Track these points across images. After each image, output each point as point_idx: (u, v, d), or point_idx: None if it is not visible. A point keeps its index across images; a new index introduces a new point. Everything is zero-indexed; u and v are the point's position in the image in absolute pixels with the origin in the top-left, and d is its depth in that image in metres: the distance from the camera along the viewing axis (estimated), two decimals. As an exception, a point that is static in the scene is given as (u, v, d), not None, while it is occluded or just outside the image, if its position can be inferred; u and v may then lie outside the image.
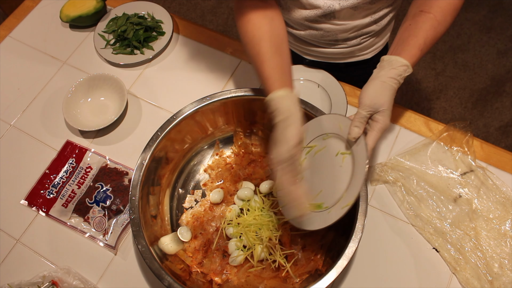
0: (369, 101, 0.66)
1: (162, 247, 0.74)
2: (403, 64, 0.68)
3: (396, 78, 0.67)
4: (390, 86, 0.67)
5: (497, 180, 0.83)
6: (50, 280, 0.77)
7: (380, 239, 0.81)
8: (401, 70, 0.68)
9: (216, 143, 0.90)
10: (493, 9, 2.22)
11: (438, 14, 0.72)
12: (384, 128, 0.66)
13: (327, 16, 0.83)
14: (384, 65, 0.69)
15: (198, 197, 0.85)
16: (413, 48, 0.69)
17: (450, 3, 0.72)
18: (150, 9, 1.08)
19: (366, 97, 0.66)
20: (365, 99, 0.66)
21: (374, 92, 0.67)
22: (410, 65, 0.68)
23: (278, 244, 0.76)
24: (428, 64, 2.10)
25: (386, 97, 0.66)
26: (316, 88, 0.94)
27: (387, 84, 0.67)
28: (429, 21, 0.71)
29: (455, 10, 0.74)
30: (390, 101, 0.67)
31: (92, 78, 0.96)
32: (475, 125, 1.93)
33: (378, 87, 0.67)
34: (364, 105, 0.66)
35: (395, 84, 0.67)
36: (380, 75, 0.68)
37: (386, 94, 0.66)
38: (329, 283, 0.64)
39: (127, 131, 0.95)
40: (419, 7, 0.73)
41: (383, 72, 0.68)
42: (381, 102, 0.66)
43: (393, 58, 0.69)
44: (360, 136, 0.65)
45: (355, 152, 0.66)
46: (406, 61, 0.68)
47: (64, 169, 0.90)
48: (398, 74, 0.68)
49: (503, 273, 0.75)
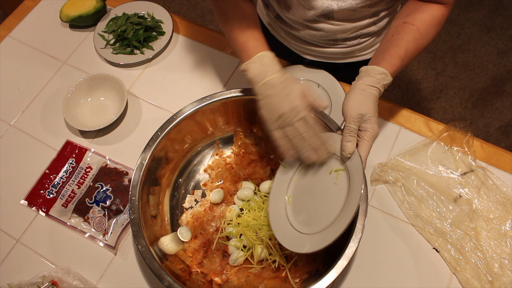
0: (354, 112, 0.66)
1: (162, 247, 0.74)
2: (381, 72, 0.68)
3: (374, 85, 0.67)
4: (370, 93, 0.67)
5: (497, 180, 0.83)
6: (50, 280, 0.77)
7: (380, 239, 0.81)
8: (379, 78, 0.68)
9: (216, 143, 0.90)
10: (493, 9, 2.22)
11: (422, 27, 0.72)
12: (375, 135, 0.66)
13: (326, 16, 0.83)
14: (362, 75, 0.69)
15: (198, 197, 0.85)
16: (393, 58, 0.69)
17: (434, 17, 0.73)
18: (150, 9, 1.08)
19: (350, 108, 0.66)
20: (349, 111, 0.66)
21: (355, 101, 0.66)
22: (388, 73, 0.68)
23: (278, 244, 0.76)
24: (428, 64, 2.10)
25: (368, 105, 0.66)
26: (316, 88, 0.94)
27: (366, 92, 0.67)
28: (412, 33, 0.72)
29: (438, 25, 0.74)
30: (375, 108, 0.67)
31: (92, 78, 0.96)
32: (475, 125, 1.93)
33: (358, 96, 0.67)
34: (350, 117, 0.66)
35: (375, 91, 0.67)
36: (358, 84, 0.68)
37: (368, 102, 0.66)
38: (329, 283, 0.64)
39: (127, 131, 0.95)
40: (403, 19, 0.74)
41: (361, 81, 0.68)
42: (365, 110, 0.65)
43: (370, 67, 0.69)
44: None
45: (349, 167, 0.66)
46: (383, 69, 0.68)
47: (64, 169, 0.90)
48: (376, 81, 0.68)
49: (503, 273, 0.75)
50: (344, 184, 0.66)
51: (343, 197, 0.65)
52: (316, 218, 0.68)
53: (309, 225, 0.68)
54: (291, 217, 0.72)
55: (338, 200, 0.66)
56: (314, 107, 0.68)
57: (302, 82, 0.95)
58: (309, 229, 0.68)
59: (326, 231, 0.64)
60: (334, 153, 0.69)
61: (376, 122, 0.66)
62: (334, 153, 0.69)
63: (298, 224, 0.70)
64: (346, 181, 0.66)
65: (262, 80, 0.70)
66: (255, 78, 0.71)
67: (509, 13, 2.21)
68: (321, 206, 0.69)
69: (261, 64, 0.71)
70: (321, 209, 0.68)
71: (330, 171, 0.69)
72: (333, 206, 0.66)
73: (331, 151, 0.69)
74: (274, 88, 0.69)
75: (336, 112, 0.90)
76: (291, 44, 0.99)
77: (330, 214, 0.66)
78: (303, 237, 0.68)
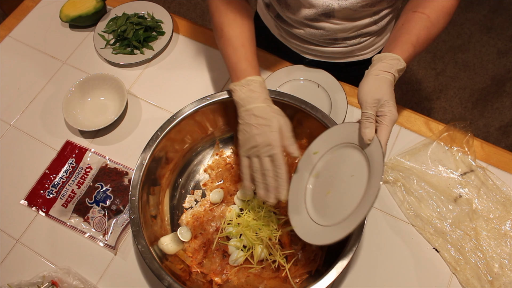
0: (369, 98, 0.64)
1: (162, 247, 0.74)
2: (394, 58, 0.67)
3: (388, 71, 0.66)
4: (385, 78, 0.66)
5: (497, 180, 0.83)
6: (50, 280, 0.77)
7: (380, 239, 0.81)
8: (392, 63, 0.67)
9: (216, 143, 0.90)
10: (493, 9, 2.22)
11: (432, 15, 0.72)
12: (394, 120, 0.64)
13: (326, 15, 0.83)
14: (375, 63, 0.69)
15: (198, 197, 0.85)
16: (405, 44, 0.69)
17: (444, 5, 0.73)
18: (150, 9, 1.08)
19: (365, 94, 0.65)
20: (365, 97, 0.65)
21: (370, 87, 0.65)
22: (401, 58, 0.67)
23: (278, 244, 0.76)
24: (428, 64, 2.09)
25: (384, 89, 0.65)
26: (316, 88, 0.94)
27: (380, 77, 0.66)
28: (423, 21, 0.71)
29: (448, 14, 0.74)
30: (391, 92, 0.65)
31: (92, 78, 0.96)
32: (475, 125, 1.93)
33: (372, 82, 0.66)
34: (367, 103, 0.64)
35: (389, 76, 0.66)
36: (372, 70, 0.67)
37: (383, 86, 0.65)
38: (329, 283, 0.64)
39: (127, 131, 0.95)
40: (413, 9, 0.74)
41: (374, 67, 0.67)
42: (380, 95, 0.64)
43: (382, 55, 0.69)
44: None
45: (369, 153, 0.64)
46: (395, 55, 0.67)
47: (64, 169, 0.90)
48: (390, 66, 0.67)
49: (503, 273, 0.75)
50: (363, 173, 0.65)
51: (363, 185, 0.64)
52: (335, 209, 0.67)
53: (329, 216, 0.67)
54: (310, 209, 0.71)
55: (357, 189, 0.64)
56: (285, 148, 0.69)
57: (302, 82, 0.95)
58: (329, 220, 0.66)
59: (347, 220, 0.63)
60: (352, 142, 0.68)
61: (393, 106, 0.64)
62: (352, 142, 0.68)
63: (318, 217, 0.69)
64: (366, 168, 0.64)
65: (246, 106, 0.71)
66: (240, 102, 0.72)
67: (509, 13, 2.21)
68: (340, 196, 0.67)
69: (248, 89, 0.71)
70: (340, 200, 0.67)
71: (348, 161, 0.68)
72: (353, 195, 0.64)
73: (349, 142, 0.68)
74: (256, 118, 0.69)
75: (336, 112, 0.90)
76: (291, 43, 0.99)
77: (350, 203, 0.64)
78: (322, 229, 0.66)
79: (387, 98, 0.64)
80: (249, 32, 0.77)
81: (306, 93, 0.93)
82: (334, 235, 0.63)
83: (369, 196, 0.61)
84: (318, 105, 0.80)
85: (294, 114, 0.81)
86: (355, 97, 0.94)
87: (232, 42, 0.75)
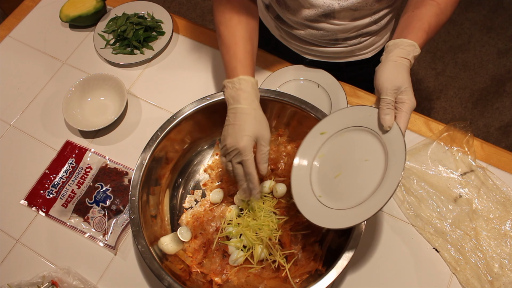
0: (390, 84, 0.63)
1: (162, 247, 0.74)
2: (410, 44, 0.67)
3: (406, 57, 0.66)
4: (403, 65, 0.66)
5: (497, 180, 0.83)
6: (50, 280, 0.77)
7: (380, 239, 0.81)
8: (409, 50, 0.67)
9: (216, 143, 0.90)
10: (493, 9, 2.22)
11: (441, 2, 0.72)
12: (413, 107, 0.63)
13: (327, 16, 0.83)
14: (391, 49, 0.68)
15: (198, 197, 0.85)
16: (419, 31, 0.69)
17: None
18: (150, 9, 1.08)
19: (386, 80, 0.64)
20: (385, 83, 0.64)
21: (390, 73, 0.65)
22: (417, 45, 0.67)
23: (278, 244, 0.76)
24: (428, 64, 2.09)
25: (404, 76, 0.64)
26: (316, 88, 0.94)
27: (399, 63, 0.66)
28: (433, 8, 0.71)
29: (455, 2, 0.74)
30: (409, 80, 0.65)
31: (92, 78, 0.96)
32: (475, 125, 1.93)
33: (392, 68, 0.65)
34: (387, 89, 0.63)
35: (407, 63, 0.66)
36: (390, 56, 0.67)
37: (402, 73, 0.65)
38: (329, 283, 0.64)
39: (127, 131, 0.95)
40: None
41: (392, 53, 0.67)
42: (401, 81, 0.64)
43: (398, 40, 0.68)
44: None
45: (387, 140, 0.63)
46: (412, 41, 0.67)
47: (64, 169, 0.90)
48: (407, 53, 0.66)
49: (503, 273, 0.75)
50: (379, 159, 0.63)
51: (379, 172, 0.62)
52: (347, 193, 0.66)
53: (339, 200, 0.66)
54: (317, 191, 0.69)
55: (373, 175, 0.63)
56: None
57: (302, 82, 0.95)
58: (340, 204, 0.65)
59: (363, 204, 0.62)
60: (366, 126, 0.67)
61: (412, 94, 0.64)
62: (366, 126, 0.67)
63: (326, 199, 0.67)
64: (383, 155, 0.63)
65: (233, 105, 0.72)
66: (229, 99, 0.73)
67: (509, 13, 2.21)
68: (352, 180, 0.66)
69: (239, 88, 0.72)
70: (352, 184, 0.66)
71: (361, 146, 0.66)
72: (368, 181, 0.63)
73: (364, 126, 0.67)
74: (237, 118, 0.70)
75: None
76: (292, 44, 0.99)
77: (364, 189, 0.63)
78: (333, 213, 0.65)
79: (406, 85, 0.64)
80: (244, 31, 0.76)
81: (306, 93, 0.93)
82: (349, 220, 0.62)
83: (389, 183, 0.60)
84: (318, 105, 0.79)
85: (294, 114, 0.81)
86: (355, 97, 0.94)
87: (225, 41, 0.76)
